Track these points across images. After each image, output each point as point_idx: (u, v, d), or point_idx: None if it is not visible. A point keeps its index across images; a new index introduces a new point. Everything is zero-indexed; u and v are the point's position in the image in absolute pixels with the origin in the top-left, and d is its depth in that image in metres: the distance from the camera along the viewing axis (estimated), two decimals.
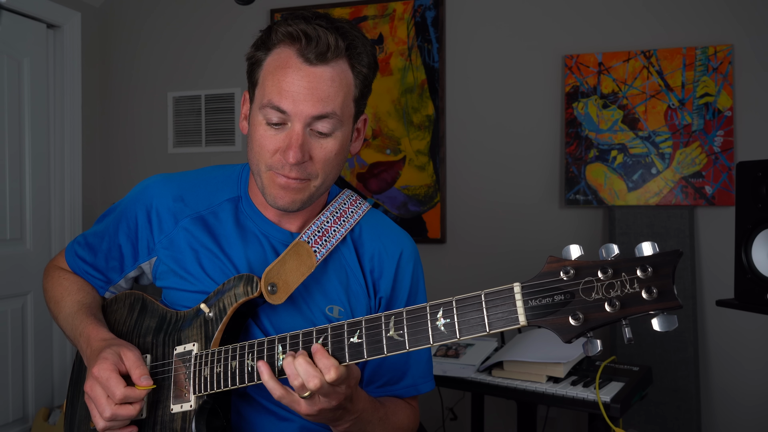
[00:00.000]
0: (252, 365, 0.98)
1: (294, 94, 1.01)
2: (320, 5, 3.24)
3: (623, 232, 2.76)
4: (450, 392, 2.85)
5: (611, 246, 0.77)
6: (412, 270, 1.21)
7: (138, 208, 1.19)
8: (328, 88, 1.02)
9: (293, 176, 1.04)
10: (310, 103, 1.01)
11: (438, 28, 3.07)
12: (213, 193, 1.18)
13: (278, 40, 1.04)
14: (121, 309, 1.21)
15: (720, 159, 2.69)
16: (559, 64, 2.92)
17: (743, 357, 2.69)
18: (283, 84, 1.02)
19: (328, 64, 1.02)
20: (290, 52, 1.02)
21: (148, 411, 1.07)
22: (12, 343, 3.03)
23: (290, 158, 1.02)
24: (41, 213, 3.21)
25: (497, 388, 1.99)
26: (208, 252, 1.14)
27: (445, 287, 3.05)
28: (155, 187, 1.19)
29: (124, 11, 3.59)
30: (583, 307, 0.76)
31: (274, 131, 1.04)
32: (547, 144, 2.95)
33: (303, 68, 1.02)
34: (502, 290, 0.81)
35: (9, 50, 3.02)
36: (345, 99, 1.05)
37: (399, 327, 0.87)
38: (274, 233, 1.15)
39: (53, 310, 1.23)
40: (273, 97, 1.02)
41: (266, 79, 1.05)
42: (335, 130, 1.05)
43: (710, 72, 2.71)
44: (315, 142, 1.04)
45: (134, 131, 3.58)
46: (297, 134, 1.02)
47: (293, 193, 1.06)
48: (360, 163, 3.18)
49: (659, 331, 0.74)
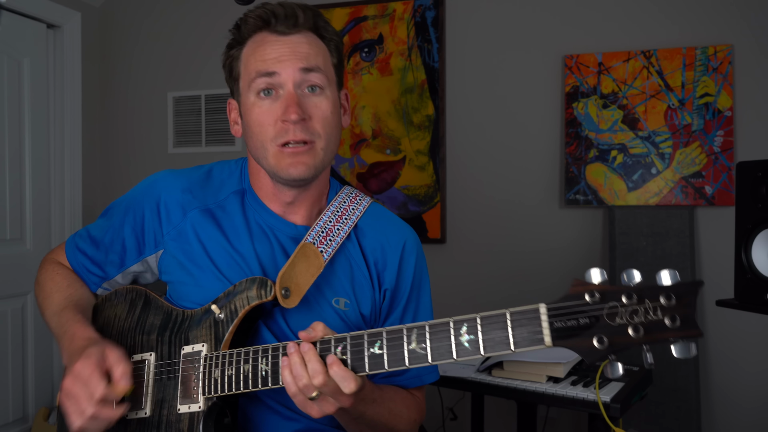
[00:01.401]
0: (266, 369, 0.97)
1: (277, 57, 1.07)
2: (320, 5, 3.24)
3: (623, 232, 2.76)
4: (450, 392, 2.85)
5: (633, 272, 0.80)
6: (416, 261, 1.21)
7: (146, 201, 1.19)
8: (307, 49, 1.09)
9: (299, 138, 1.06)
10: (294, 60, 1.07)
11: (438, 28, 3.07)
12: (219, 188, 1.19)
13: (249, 30, 1.10)
14: (122, 304, 1.19)
15: (720, 159, 2.69)
16: (559, 64, 2.92)
17: (743, 357, 2.69)
18: (265, 54, 1.07)
19: (301, 33, 1.09)
20: (263, 34, 1.09)
21: (152, 409, 1.07)
22: (12, 343, 3.03)
23: (291, 115, 1.05)
24: (41, 213, 3.21)
25: (497, 388, 1.99)
26: (217, 245, 1.14)
27: (446, 287, 3.05)
28: (163, 181, 1.20)
29: (124, 11, 3.59)
30: (608, 331, 0.78)
31: (268, 102, 1.08)
32: (547, 144, 2.95)
33: (279, 39, 1.08)
34: (527, 310, 0.82)
35: (9, 50, 3.02)
36: (325, 60, 1.11)
37: (421, 340, 0.88)
38: (279, 226, 1.16)
39: (41, 305, 1.23)
40: (259, 67, 1.07)
41: (248, 63, 1.10)
42: (325, 87, 1.10)
43: (710, 72, 2.71)
44: (309, 101, 1.08)
45: (134, 131, 3.58)
46: (291, 93, 1.06)
47: (304, 158, 1.08)
48: (360, 163, 3.18)
49: (678, 357, 0.76)
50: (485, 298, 3.01)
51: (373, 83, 3.16)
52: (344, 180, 3.20)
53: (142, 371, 1.10)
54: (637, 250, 2.74)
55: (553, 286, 2.92)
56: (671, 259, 2.70)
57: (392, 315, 1.19)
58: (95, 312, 1.22)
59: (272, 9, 1.08)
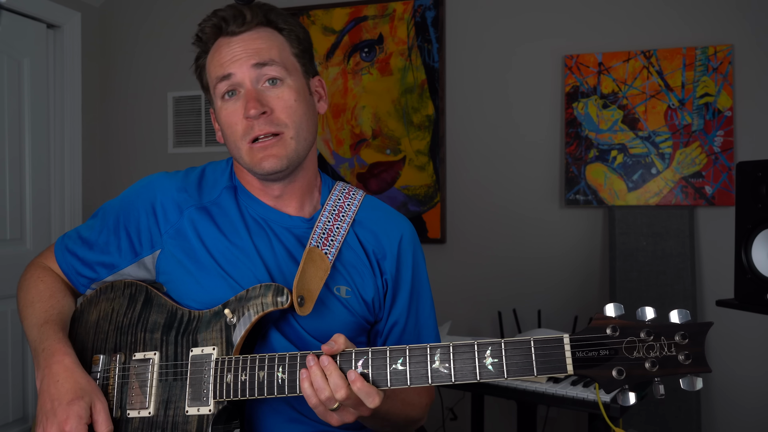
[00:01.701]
0: (283, 378, 0.98)
1: (231, 58, 1.10)
2: (320, 5, 3.24)
3: (623, 232, 2.76)
4: (450, 392, 2.85)
5: (648, 309, 0.87)
6: (413, 252, 1.23)
7: (141, 202, 1.19)
8: (259, 44, 1.10)
9: (264, 131, 1.08)
10: (247, 57, 1.09)
11: (438, 28, 3.07)
12: (213, 186, 1.21)
13: (208, 38, 1.14)
14: (120, 298, 1.18)
15: (720, 159, 2.69)
16: (559, 64, 2.92)
17: (743, 357, 2.69)
18: (221, 59, 1.11)
19: (252, 30, 1.11)
20: (220, 40, 1.13)
21: (156, 409, 1.06)
22: (12, 343, 3.03)
23: (250, 111, 1.07)
24: (41, 213, 3.21)
25: (497, 388, 1.99)
26: (216, 241, 1.14)
27: (445, 287, 3.05)
28: (158, 181, 1.21)
29: (124, 11, 3.59)
30: (626, 363, 0.86)
31: (232, 103, 1.11)
32: (547, 144, 2.95)
33: (231, 40, 1.11)
34: (551, 339, 0.88)
35: (9, 50, 3.02)
36: (281, 51, 1.12)
37: (445, 359, 0.91)
38: (274, 217, 1.17)
39: (22, 311, 1.21)
40: (217, 72, 1.11)
41: (210, 70, 1.14)
42: (284, 78, 1.11)
43: (710, 72, 2.71)
44: (269, 94, 1.10)
45: (134, 131, 3.58)
46: (249, 90, 1.09)
47: (274, 150, 1.09)
48: (360, 163, 3.18)
49: (684, 389, 0.85)
50: (485, 298, 3.01)
51: (373, 83, 3.16)
52: (338, 176, 3.19)
53: (146, 370, 1.09)
54: (637, 250, 2.74)
55: (553, 286, 2.92)
56: (671, 259, 2.70)
57: (397, 304, 1.20)
58: (88, 304, 1.21)
59: (222, 14, 1.11)
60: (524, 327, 2.86)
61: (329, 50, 3.23)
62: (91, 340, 1.18)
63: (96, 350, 1.17)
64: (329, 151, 3.22)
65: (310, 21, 3.26)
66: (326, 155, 3.23)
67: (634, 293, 2.71)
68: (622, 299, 2.72)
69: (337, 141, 3.21)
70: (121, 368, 1.12)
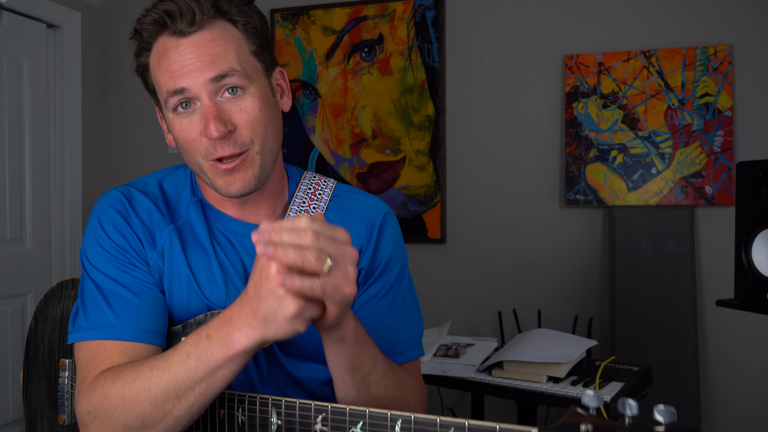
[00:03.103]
0: (242, 419, 0.87)
1: (183, 69, 0.94)
2: (320, 5, 3.24)
3: (623, 232, 2.76)
4: (450, 392, 2.85)
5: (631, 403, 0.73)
6: (394, 237, 1.13)
7: (126, 233, 1.02)
8: (213, 49, 0.95)
9: (228, 153, 0.95)
10: (201, 69, 0.94)
11: (438, 28, 3.07)
12: (177, 202, 1.07)
13: (149, 34, 0.99)
14: None
15: (720, 159, 2.69)
16: (559, 64, 2.92)
17: (743, 357, 2.69)
18: (170, 66, 0.95)
19: (204, 28, 0.96)
20: (164, 38, 0.97)
21: None
22: (12, 343, 3.03)
23: (212, 132, 0.93)
24: (41, 213, 3.21)
25: (497, 388, 1.99)
26: (193, 263, 1.03)
27: (445, 287, 3.05)
28: (123, 208, 1.04)
29: (124, 11, 3.59)
30: None
31: (188, 118, 0.97)
32: (547, 144, 2.95)
33: (180, 42, 0.95)
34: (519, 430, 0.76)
35: (9, 50, 3.02)
36: (239, 54, 0.97)
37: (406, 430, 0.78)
38: (241, 230, 1.06)
39: (167, 397, 0.85)
40: (168, 85, 0.96)
41: (156, 77, 0.99)
42: (245, 86, 0.97)
43: (710, 72, 2.71)
44: (231, 107, 0.96)
45: (134, 131, 3.58)
46: (207, 106, 0.95)
47: (241, 173, 0.97)
48: (360, 163, 3.18)
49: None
50: (485, 298, 3.01)
51: (373, 83, 3.16)
52: (338, 176, 3.19)
53: None
54: (637, 250, 2.74)
55: (553, 286, 2.92)
56: (671, 259, 2.70)
57: (370, 289, 1.08)
58: (51, 297, 1.14)
59: (165, 9, 0.95)
60: (524, 327, 2.86)
61: (329, 50, 3.23)
62: (57, 339, 1.12)
63: (63, 352, 1.11)
64: (329, 151, 3.22)
65: (310, 21, 3.26)
66: (326, 155, 3.23)
67: (634, 293, 2.71)
68: (622, 299, 2.72)
69: (337, 141, 3.21)
70: None
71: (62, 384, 1.10)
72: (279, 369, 1.04)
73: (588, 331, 2.75)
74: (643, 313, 2.70)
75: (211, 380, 0.82)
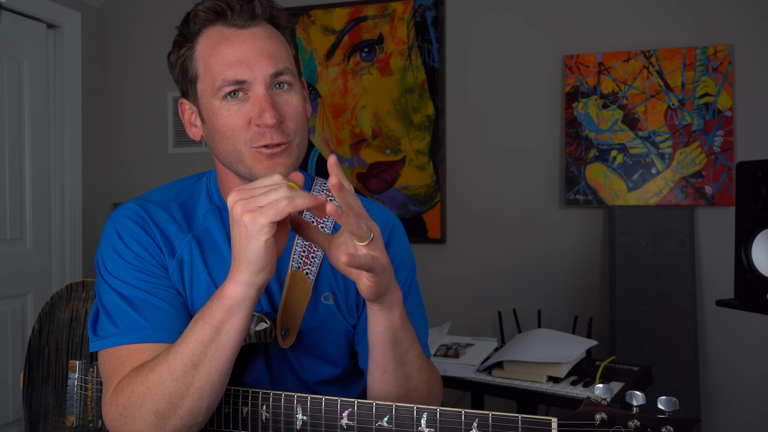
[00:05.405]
0: (267, 416, 0.92)
1: (245, 60, 0.98)
2: (320, 5, 3.24)
3: (623, 232, 2.76)
4: (450, 392, 2.85)
5: (638, 395, 0.84)
6: (402, 245, 1.16)
7: (145, 243, 1.04)
8: (271, 45, 1.00)
9: (276, 141, 0.99)
10: (263, 63, 0.99)
11: (438, 28, 3.07)
12: (193, 211, 1.09)
13: (200, 25, 1.02)
14: (92, 300, 1.08)
15: (720, 159, 2.69)
16: (559, 64, 2.92)
17: (743, 357, 2.69)
18: (229, 56, 0.99)
19: (259, 25, 1.01)
20: (218, 28, 1.01)
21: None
22: (12, 343, 3.03)
23: (268, 120, 0.97)
24: (41, 213, 3.21)
25: (497, 388, 1.99)
26: (214, 272, 1.05)
27: (446, 287, 3.05)
28: (140, 219, 1.06)
29: (124, 11, 3.59)
30: None
31: (237, 105, 0.99)
32: (547, 144, 2.95)
33: (240, 34, 1.00)
34: (540, 420, 0.87)
35: (9, 50, 3.02)
36: (288, 55, 1.04)
37: (431, 425, 0.87)
38: None
39: (185, 373, 0.88)
40: (226, 74, 0.98)
41: (208, 65, 1.01)
42: (293, 83, 1.03)
43: (710, 72, 2.71)
44: (281, 99, 1.01)
45: (134, 131, 3.58)
46: (264, 96, 0.98)
47: (282, 159, 1.01)
48: (360, 163, 3.18)
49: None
50: (485, 298, 3.01)
51: (373, 83, 3.16)
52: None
53: None
54: (637, 250, 2.74)
55: (553, 286, 2.92)
56: (671, 259, 2.70)
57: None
58: (59, 300, 1.13)
59: (227, 1, 0.99)
60: (524, 327, 2.86)
61: (329, 50, 3.23)
62: (65, 341, 1.12)
63: (72, 354, 1.11)
64: (329, 150, 3.22)
65: (310, 21, 3.26)
66: (326, 155, 3.23)
67: (634, 293, 2.71)
68: (622, 299, 2.72)
69: (337, 141, 3.21)
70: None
71: (72, 386, 1.08)
72: (288, 370, 1.07)
73: (588, 331, 2.75)
74: (643, 313, 2.70)
75: (219, 340, 0.87)
